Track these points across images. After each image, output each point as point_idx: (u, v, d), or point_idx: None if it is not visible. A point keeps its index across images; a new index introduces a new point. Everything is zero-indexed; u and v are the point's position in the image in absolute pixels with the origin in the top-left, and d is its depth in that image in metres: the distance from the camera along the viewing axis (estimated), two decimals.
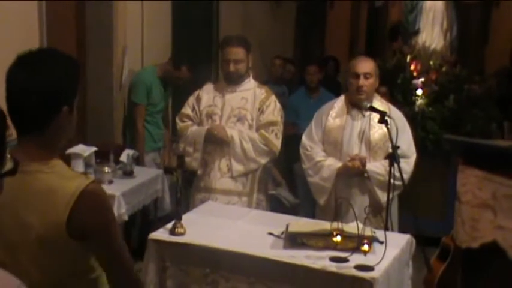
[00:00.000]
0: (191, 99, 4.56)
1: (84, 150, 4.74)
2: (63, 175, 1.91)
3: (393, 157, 3.75)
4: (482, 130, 5.99)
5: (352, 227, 3.17)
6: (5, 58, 1.95)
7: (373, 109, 3.99)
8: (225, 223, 3.66)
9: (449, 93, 6.20)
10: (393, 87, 6.17)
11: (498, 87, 7.19)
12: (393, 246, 3.27)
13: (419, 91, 6.28)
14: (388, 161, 3.87)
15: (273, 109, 4.43)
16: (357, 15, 11.87)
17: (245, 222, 3.72)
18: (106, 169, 4.71)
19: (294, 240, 3.32)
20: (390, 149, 3.82)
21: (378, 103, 4.23)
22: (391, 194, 3.91)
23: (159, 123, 5.85)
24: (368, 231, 3.15)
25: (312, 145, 4.31)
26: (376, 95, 4.33)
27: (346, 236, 3.16)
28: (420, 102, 6.18)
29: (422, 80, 6.36)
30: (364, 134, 4.20)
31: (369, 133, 4.19)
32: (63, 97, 1.91)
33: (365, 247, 3.10)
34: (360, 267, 3.04)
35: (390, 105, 4.39)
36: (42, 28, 4.88)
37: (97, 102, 5.80)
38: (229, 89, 4.46)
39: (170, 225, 3.47)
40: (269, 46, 8.22)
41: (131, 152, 5.04)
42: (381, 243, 3.23)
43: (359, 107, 4.19)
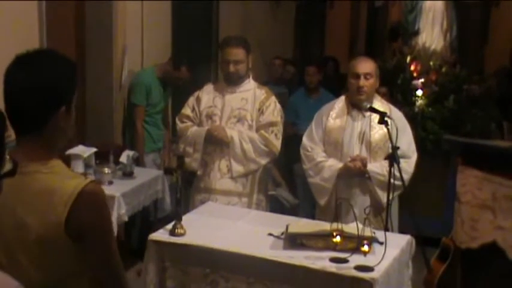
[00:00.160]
0: (191, 100, 4.56)
1: (84, 151, 4.74)
2: (62, 175, 1.91)
3: (393, 158, 3.75)
4: (481, 130, 5.99)
5: (352, 228, 3.17)
6: (5, 58, 1.95)
7: (373, 110, 3.99)
8: (225, 224, 3.66)
9: (449, 93, 6.20)
10: (393, 87, 6.17)
11: (498, 87, 7.19)
12: (393, 246, 3.27)
13: (419, 91, 6.29)
14: (388, 162, 3.88)
15: (273, 110, 4.42)
16: (357, 15, 11.85)
17: (245, 222, 3.72)
18: (106, 170, 4.71)
19: (294, 240, 3.32)
20: (390, 150, 3.82)
21: (379, 103, 4.23)
22: (392, 195, 3.92)
23: (159, 123, 5.85)
24: (368, 231, 3.15)
25: (313, 146, 4.31)
26: (376, 95, 4.32)
27: (346, 237, 3.16)
28: (420, 102, 6.19)
29: (422, 81, 6.37)
30: (364, 135, 4.20)
31: (370, 134, 4.19)
32: (61, 96, 1.91)
33: (365, 248, 3.11)
34: (360, 267, 3.04)
35: (391, 105, 4.38)
36: (42, 28, 4.88)
37: (97, 102, 5.79)
38: (229, 90, 4.46)
39: (170, 225, 3.48)
40: (269, 46, 8.21)
41: (131, 153, 5.04)
42: (381, 243, 3.23)
43: (359, 108, 4.19)
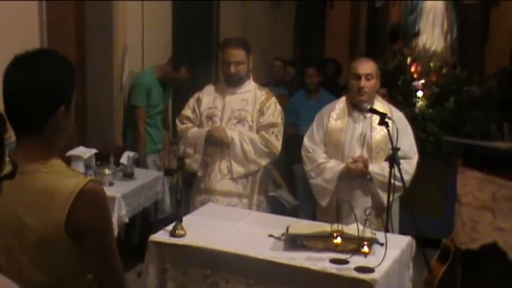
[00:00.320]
0: (191, 101, 4.56)
1: (84, 152, 4.74)
2: (61, 174, 1.91)
3: (393, 159, 3.75)
4: (482, 131, 5.98)
5: (352, 229, 3.17)
6: (6, 58, 1.95)
7: (373, 111, 3.99)
8: (225, 225, 3.66)
9: (449, 94, 6.20)
10: (393, 89, 6.17)
11: (499, 87, 7.18)
12: (393, 247, 3.27)
13: (419, 93, 6.28)
14: (389, 163, 3.88)
15: (273, 111, 4.42)
16: (357, 15, 11.84)
17: (245, 223, 3.72)
18: (106, 171, 4.71)
19: (294, 242, 3.32)
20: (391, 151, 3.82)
21: (379, 104, 4.23)
22: (392, 196, 3.91)
23: (159, 125, 5.85)
24: (368, 233, 3.15)
25: (314, 147, 4.30)
26: (377, 96, 4.32)
27: (346, 238, 3.16)
28: (420, 104, 6.19)
29: (422, 82, 6.37)
30: (365, 136, 4.20)
31: (371, 135, 4.19)
32: (60, 96, 1.92)
33: (365, 249, 3.11)
34: (360, 269, 3.04)
35: (391, 106, 4.38)
36: (42, 28, 4.88)
37: (97, 103, 5.79)
38: (229, 91, 4.46)
39: (170, 227, 3.48)
40: (269, 46, 8.21)
41: (131, 154, 5.04)
42: (381, 244, 3.22)
43: (360, 109, 4.19)
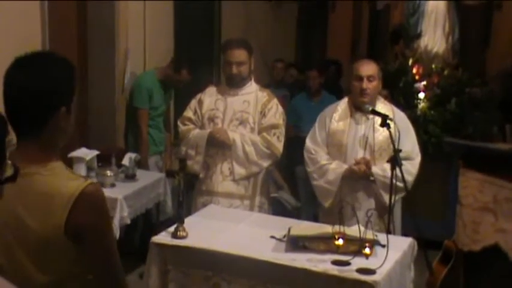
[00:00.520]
0: (193, 102, 4.56)
1: (86, 153, 4.75)
2: (61, 177, 1.91)
3: (395, 160, 3.74)
4: (483, 133, 5.98)
5: (354, 230, 3.17)
6: (7, 58, 1.96)
7: (374, 112, 3.99)
8: (227, 226, 3.66)
9: (451, 96, 6.19)
10: (395, 90, 6.17)
11: (502, 86, 7.16)
12: (395, 249, 3.26)
13: (421, 94, 6.28)
14: (390, 165, 3.87)
15: (275, 112, 4.42)
16: (359, 17, 11.85)
17: (247, 225, 3.73)
18: (108, 173, 4.72)
19: (296, 243, 3.32)
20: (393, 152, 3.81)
21: (382, 105, 4.23)
22: (395, 197, 3.91)
23: (161, 126, 5.85)
24: (370, 234, 3.15)
25: (316, 148, 4.30)
26: (379, 97, 4.32)
27: (348, 240, 3.16)
28: (422, 105, 6.18)
29: (424, 84, 6.36)
30: (367, 137, 4.20)
31: (373, 136, 4.18)
32: (60, 97, 1.92)
33: (367, 250, 3.11)
34: (362, 270, 3.04)
35: (394, 107, 4.38)
36: (44, 28, 4.88)
37: (99, 104, 5.80)
38: (231, 92, 4.46)
39: (172, 228, 3.48)
40: (271, 47, 8.22)
41: (133, 156, 5.05)
42: (383, 246, 3.22)
43: (362, 110, 4.19)
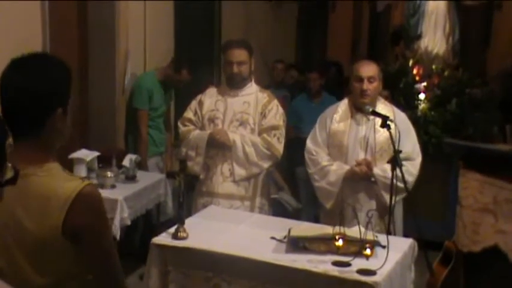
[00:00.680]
0: (193, 103, 4.56)
1: (86, 154, 4.76)
2: (58, 178, 1.92)
3: (395, 161, 3.75)
4: (484, 134, 5.98)
5: (354, 231, 3.17)
6: (7, 58, 1.96)
7: (375, 113, 3.99)
8: (227, 227, 3.66)
9: (451, 97, 6.20)
10: (395, 91, 6.17)
11: (502, 86, 7.16)
12: (395, 250, 3.26)
13: (421, 95, 6.28)
14: (391, 165, 3.87)
15: (275, 113, 4.43)
16: (359, 17, 11.84)
17: (247, 226, 3.73)
18: (109, 174, 4.72)
19: (296, 244, 3.32)
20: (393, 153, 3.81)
21: (382, 106, 4.23)
22: (396, 198, 3.90)
23: (161, 127, 5.85)
24: (370, 235, 3.15)
25: (317, 149, 4.30)
26: (380, 98, 4.32)
27: (348, 240, 3.16)
28: (422, 106, 6.18)
29: (424, 84, 6.37)
30: (368, 138, 4.20)
31: (374, 137, 4.18)
32: (57, 98, 1.93)
33: (367, 251, 3.11)
34: (362, 271, 3.04)
35: (394, 107, 4.38)
36: (44, 28, 4.88)
37: (99, 105, 5.80)
38: (231, 93, 4.46)
39: (173, 229, 3.48)
40: (271, 47, 8.21)
41: (134, 157, 5.05)
42: (383, 247, 3.23)
43: (363, 111, 4.19)
